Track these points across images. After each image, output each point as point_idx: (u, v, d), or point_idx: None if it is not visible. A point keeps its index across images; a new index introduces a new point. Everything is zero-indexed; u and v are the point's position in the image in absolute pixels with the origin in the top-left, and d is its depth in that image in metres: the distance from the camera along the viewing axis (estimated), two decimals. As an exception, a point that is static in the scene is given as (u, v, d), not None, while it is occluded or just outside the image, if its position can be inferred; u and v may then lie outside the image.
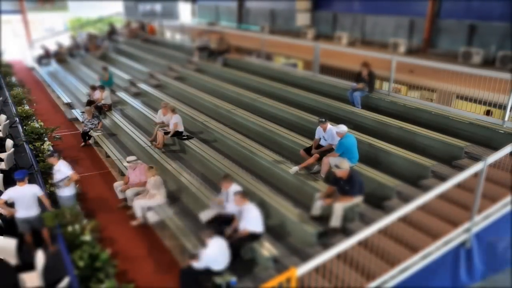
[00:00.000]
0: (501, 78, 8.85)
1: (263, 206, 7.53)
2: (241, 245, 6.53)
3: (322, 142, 8.60)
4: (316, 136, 8.72)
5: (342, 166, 6.88)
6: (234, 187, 7.21)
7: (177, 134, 10.83)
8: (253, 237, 6.59)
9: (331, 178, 7.48)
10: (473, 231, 6.38)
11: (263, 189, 8.03)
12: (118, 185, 8.98)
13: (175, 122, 10.75)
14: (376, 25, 22.31)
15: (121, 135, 12.43)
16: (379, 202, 7.22)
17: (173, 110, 11.01)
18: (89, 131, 12.03)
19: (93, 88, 14.36)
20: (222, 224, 7.01)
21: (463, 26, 18.16)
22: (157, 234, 7.78)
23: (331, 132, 8.35)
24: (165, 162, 9.90)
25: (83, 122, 12.19)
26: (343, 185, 6.92)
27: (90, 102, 13.87)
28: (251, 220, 6.60)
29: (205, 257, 6.01)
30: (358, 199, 6.93)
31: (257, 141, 10.02)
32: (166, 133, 10.82)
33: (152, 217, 7.91)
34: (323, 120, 8.46)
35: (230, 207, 7.11)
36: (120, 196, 8.80)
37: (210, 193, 8.17)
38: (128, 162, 8.85)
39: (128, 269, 6.75)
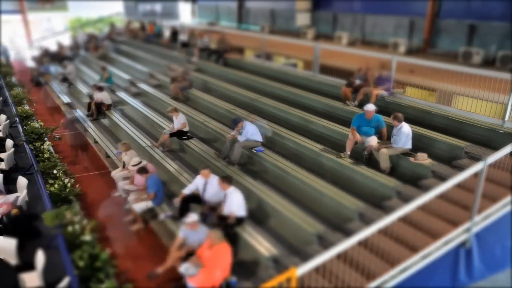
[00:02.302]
0: (501, 78, 8.85)
1: (263, 206, 7.54)
2: (227, 229, 6.64)
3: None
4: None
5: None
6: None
7: (182, 134, 10.82)
8: (238, 220, 6.80)
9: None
10: (473, 231, 6.38)
11: (263, 188, 8.03)
12: (115, 173, 9.09)
13: (183, 121, 10.75)
14: (376, 25, 22.30)
15: (121, 135, 12.44)
16: (379, 202, 7.23)
17: (176, 110, 10.99)
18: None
19: (97, 87, 14.31)
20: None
21: (463, 26, 18.16)
22: (157, 233, 7.79)
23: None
24: (165, 162, 9.90)
25: None
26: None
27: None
28: (234, 203, 6.87)
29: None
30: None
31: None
32: (172, 134, 10.77)
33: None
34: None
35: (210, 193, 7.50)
36: (120, 192, 8.81)
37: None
38: (132, 165, 8.67)
39: (128, 269, 6.74)
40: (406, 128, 8.14)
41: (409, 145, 8.17)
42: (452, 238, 6.20)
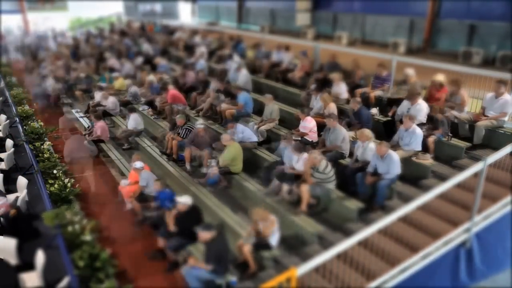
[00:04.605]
0: (501, 78, 8.84)
1: (263, 205, 7.52)
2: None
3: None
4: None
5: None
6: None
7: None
8: None
9: None
10: (473, 231, 6.39)
11: (262, 189, 8.01)
12: None
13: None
14: (376, 25, 22.32)
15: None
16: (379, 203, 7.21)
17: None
18: None
19: (98, 88, 14.25)
20: None
21: (463, 26, 18.17)
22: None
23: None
24: (165, 162, 9.89)
25: None
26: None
27: None
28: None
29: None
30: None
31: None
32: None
33: None
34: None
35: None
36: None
37: (210, 194, 8.18)
38: None
39: (128, 269, 6.74)
40: (419, 130, 7.89)
41: (419, 147, 7.94)
42: (452, 238, 6.20)
